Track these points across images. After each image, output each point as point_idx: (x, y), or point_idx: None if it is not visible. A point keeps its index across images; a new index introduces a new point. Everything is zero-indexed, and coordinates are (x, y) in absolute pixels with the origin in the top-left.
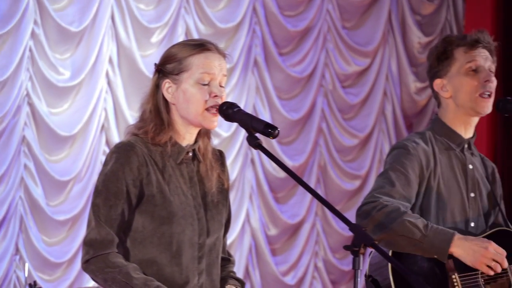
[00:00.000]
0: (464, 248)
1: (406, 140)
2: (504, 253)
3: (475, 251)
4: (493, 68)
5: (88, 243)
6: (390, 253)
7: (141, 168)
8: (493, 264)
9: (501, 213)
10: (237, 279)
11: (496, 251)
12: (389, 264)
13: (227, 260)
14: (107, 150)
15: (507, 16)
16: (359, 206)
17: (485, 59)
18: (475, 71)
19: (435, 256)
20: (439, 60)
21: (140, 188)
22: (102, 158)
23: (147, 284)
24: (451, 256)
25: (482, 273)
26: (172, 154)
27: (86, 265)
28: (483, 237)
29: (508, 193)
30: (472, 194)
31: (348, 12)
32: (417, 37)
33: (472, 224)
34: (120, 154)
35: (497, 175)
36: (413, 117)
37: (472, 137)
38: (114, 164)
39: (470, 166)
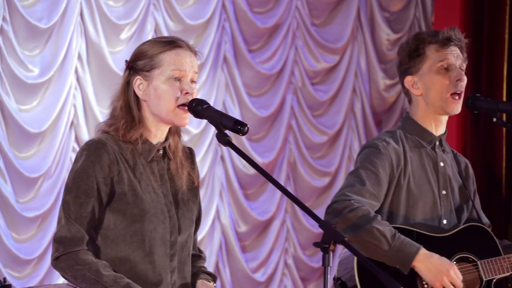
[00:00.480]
0: (426, 265)
1: (377, 139)
2: (461, 278)
3: (437, 271)
4: (464, 66)
5: (58, 240)
6: None
7: (112, 166)
8: None
9: (475, 208)
10: (209, 273)
11: (456, 275)
12: (355, 267)
13: (198, 256)
14: (77, 147)
15: (475, 13)
16: (330, 204)
17: (456, 57)
18: (447, 69)
19: (397, 267)
20: (410, 57)
21: (111, 186)
22: (72, 155)
23: (117, 282)
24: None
25: None
26: (143, 151)
27: (56, 262)
28: (456, 232)
29: (478, 189)
30: (444, 192)
31: (317, 9)
32: (385, 34)
33: (445, 221)
34: (91, 151)
35: (471, 171)
36: (382, 114)
37: (443, 134)
38: (85, 161)
39: (442, 164)
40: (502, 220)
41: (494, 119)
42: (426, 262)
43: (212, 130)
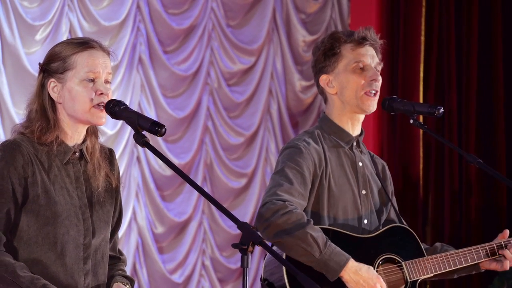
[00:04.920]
0: (354, 277)
1: (297, 139)
2: None
3: (365, 284)
4: (379, 68)
5: None
6: (284, 256)
7: (26, 168)
8: None
9: (394, 209)
10: (126, 277)
11: None
12: (284, 268)
13: (117, 258)
14: None
15: (392, 15)
16: (262, 204)
17: (372, 58)
18: (362, 69)
19: (324, 273)
20: (325, 56)
21: (25, 187)
22: None
23: (33, 283)
24: None
25: (376, 270)
26: (58, 153)
27: None
28: (380, 233)
29: (396, 191)
30: (364, 191)
31: (233, 10)
32: (301, 36)
33: (365, 221)
34: (6, 152)
35: (388, 172)
36: (299, 115)
37: (360, 135)
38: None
39: (360, 164)
40: (420, 222)
41: (411, 121)
42: (354, 274)
43: (128, 131)
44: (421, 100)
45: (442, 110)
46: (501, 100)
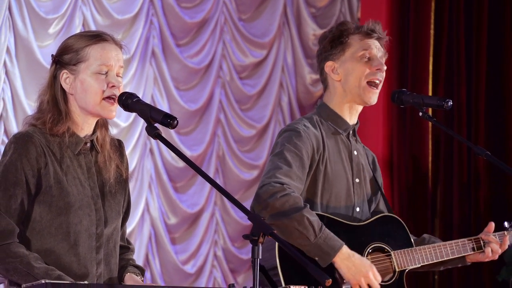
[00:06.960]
0: (347, 264)
1: (296, 123)
2: (379, 280)
3: (357, 271)
4: (384, 59)
5: None
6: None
7: (39, 159)
8: None
9: (384, 199)
10: (137, 267)
11: (375, 277)
12: (276, 250)
13: (126, 248)
14: (6, 140)
15: (402, 7)
16: (261, 185)
17: (378, 50)
18: (369, 59)
19: (316, 258)
20: (333, 43)
21: (38, 178)
22: (1, 148)
23: (48, 274)
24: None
25: (366, 258)
26: (70, 144)
27: None
28: (371, 221)
29: (405, 183)
30: (357, 180)
31: (244, 4)
32: (312, 29)
33: (358, 209)
34: (19, 144)
35: (378, 165)
36: (309, 108)
37: (356, 124)
38: (13, 154)
39: (355, 152)
40: (428, 214)
41: (420, 114)
42: (347, 260)
43: (141, 123)
44: (430, 93)
45: (451, 102)
46: (510, 92)
